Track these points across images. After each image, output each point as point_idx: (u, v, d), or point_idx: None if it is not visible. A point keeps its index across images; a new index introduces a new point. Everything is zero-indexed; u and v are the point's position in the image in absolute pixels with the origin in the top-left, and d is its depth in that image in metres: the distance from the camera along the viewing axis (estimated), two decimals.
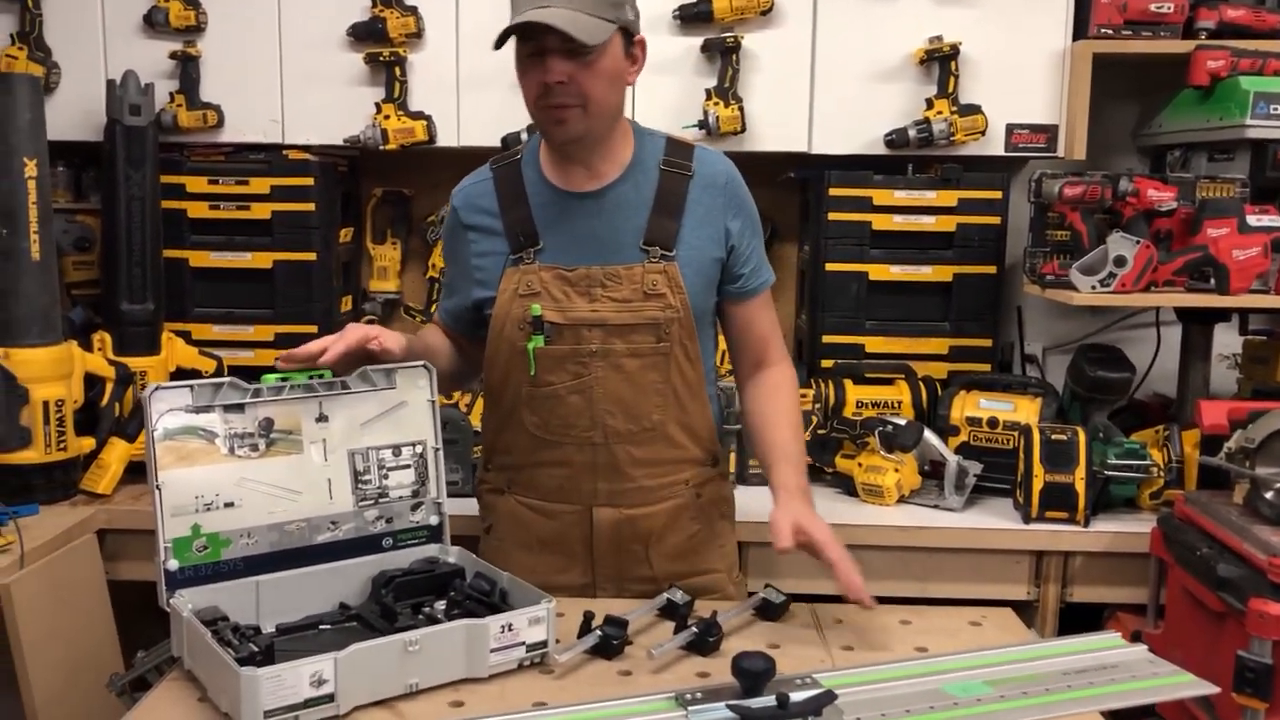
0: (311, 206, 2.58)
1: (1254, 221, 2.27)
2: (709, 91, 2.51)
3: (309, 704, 1.25)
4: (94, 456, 2.31)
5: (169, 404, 1.45)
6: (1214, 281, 2.28)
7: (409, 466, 1.62)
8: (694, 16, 2.49)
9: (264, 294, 2.60)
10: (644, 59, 1.69)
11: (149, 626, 1.70)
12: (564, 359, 1.68)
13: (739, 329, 1.80)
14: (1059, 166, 2.55)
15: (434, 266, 2.84)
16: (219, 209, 2.58)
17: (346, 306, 2.79)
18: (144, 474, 1.47)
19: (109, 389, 2.34)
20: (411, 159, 2.68)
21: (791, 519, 1.57)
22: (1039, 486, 2.19)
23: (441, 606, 1.52)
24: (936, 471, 2.33)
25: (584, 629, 1.48)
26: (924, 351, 2.58)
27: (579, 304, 1.67)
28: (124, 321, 2.44)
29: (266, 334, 2.59)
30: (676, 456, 1.74)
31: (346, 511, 1.57)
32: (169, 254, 2.53)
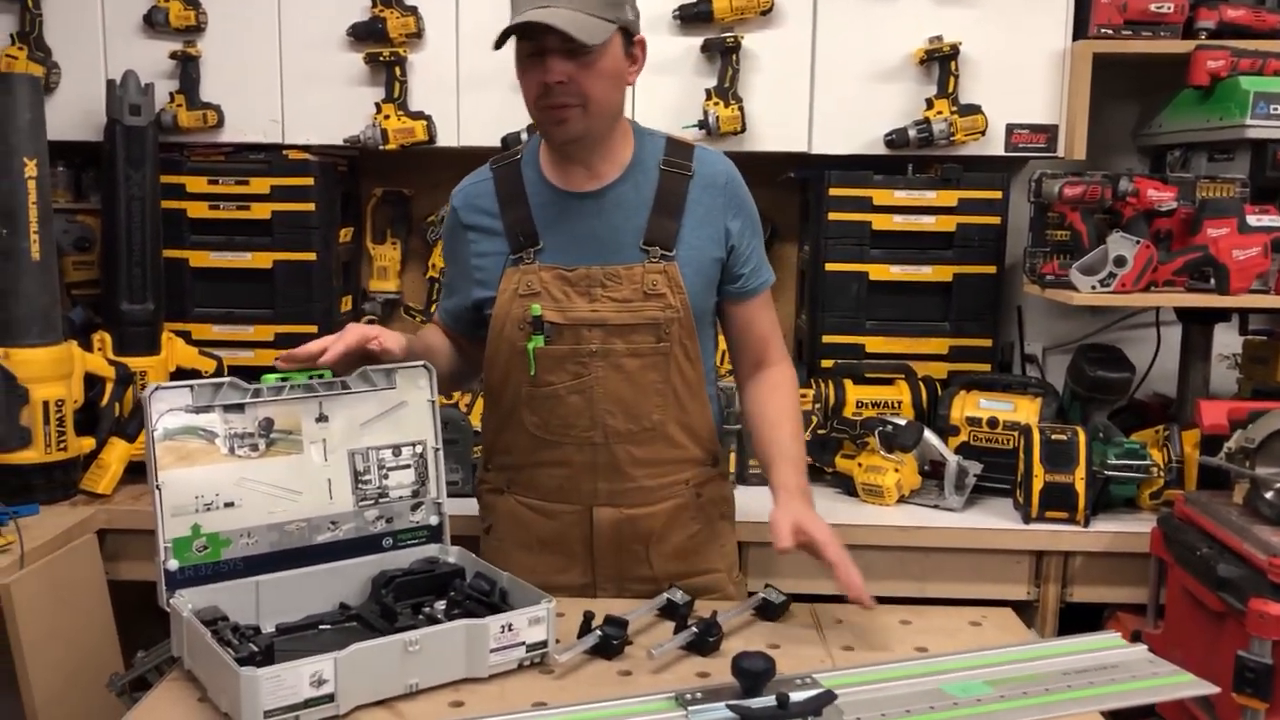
0: (311, 206, 2.58)
1: (1254, 221, 2.27)
2: (709, 91, 2.51)
3: (309, 704, 1.25)
4: (94, 456, 2.31)
5: (169, 404, 1.45)
6: (1214, 281, 2.28)
7: (409, 466, 1.62)
8: (694, 16, 2.49)
9: (264, 294, 2.60)
10: (644, 59, 1.69)
11: (149, 626, 1.70)
12: (564, 359, 1.68)
13: (739, 329, 1.80)
14: (1059, 166, 2.55)
15: (434, 266, 2.84)
16: (219, 209, 2.58)
17: (346, 306, 2.79)
18: (144, 474, 1.47)
19: (109, 389, 2.34)
20: (411, 159, 2.68)
21: (791, 519, 1.57)
22: (1039, 486, 2.19)
23: (441, 606, 1.52)
24: (936, 471, 2.33)
25: (584, 629, 1.48)
26: (924, 351, 2.59)
27: (579, 304, 1.67)
28: (124, 321, 2.44)
29: (266, 334, 2.59)
30: (677, 456, 1.74)
31: (346, 511, 1.57)
32: (169, 254, 2.53)
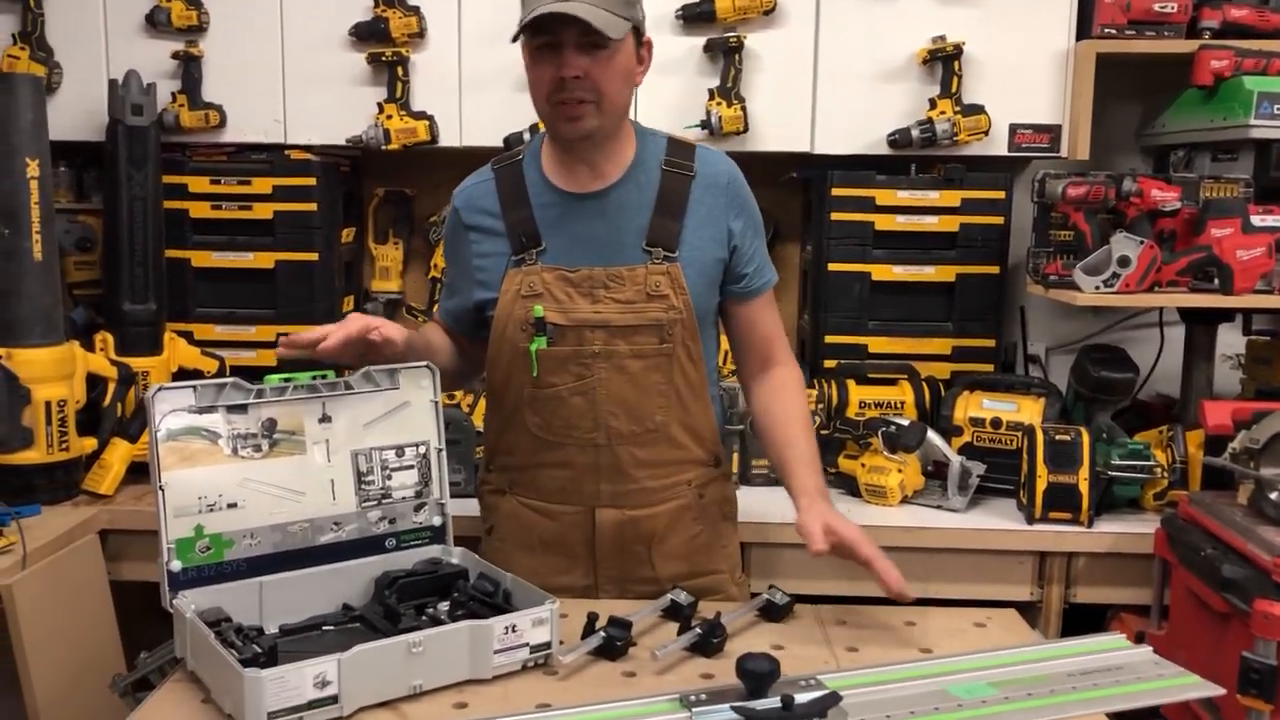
0: (313, 206, 2.58)
1: (1258, 222, 2.26)
2: (712, 91, 2.50)
3: (313, 705, 1.25)
4: (96, 457, 2.31)
5: (172, 405, 1.45)
6: (1218, 282, 2.28)
7: (412, 467, 1.62)
8: (696, 16, 2.49)
9: (266, 294, 2.60)
10: (650, 60, 1.69)
11: (152, 627, 1.70)
12: (567, 360, 1.67)
13: (743, 329, 1.79)
14: (1062, 166, 2.55)
15: (436, 266, 2.84)
16: (221, 209, 2.58)
17: (348, 306, 2.78)
18: (146, 474, 1.47)
19: (111, 389, 2.33)
20: (413, 159, 2.68)
21: (821, 521, 1.57)
22: (1042, 487, 2.18)
23: (445, 607, 1.52)
24: (940, 472, 2.32)
25: (588, 630, 1.48)
26: (927, 352, 2.58)
27: (581, 305, 1.66)
28: (126, 322, 2.44)
29: (268, 334, 2.59)
30: (679, 457, 1.73)
31: (349, 512, 1.57)
32: (171, 254, 2.53)
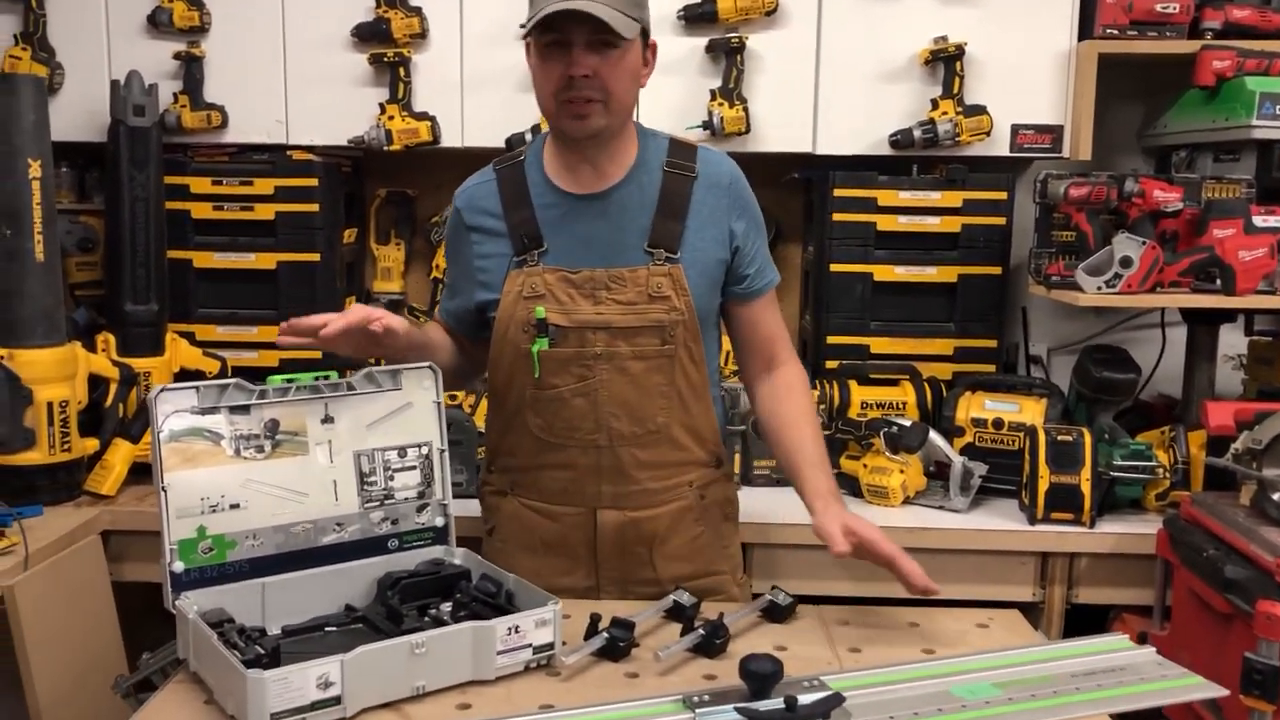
0: (315, 207, 2.58)
1: (1260, 222, 2.26)
2: (713, 92, 2.50)
3: (315, 706, 1.25)
4: (98, 457, 2.31)
5: (174, 405, 1.45)
6: (1220, 282, 2.28)
7: (414, 468, 1.62)
8: (698, 17, 2.49)
9: (268, 295, 2.59)
10: (654, 63, 1.70)
11: (154, 628, 1.70)
12: (568, 362, 1.67)
13: (745, 329, 1.79)
14: (1064, 167, 2.54)
15: (438, 267, 2.84)
16: (223, 210, 2.58)
17: (350, 307, 2.78)
18: (148, 475, 1.47)
19: (113, 390, 2.33)
20: (415, 159, 2.68)
21: (839, 523, 1.57)
22: (1044, 487, 2.18)
23: (447, 608, 1.52)
24: (942, 473, 2.32)
25: (591, 631, 1.48)
26: (929, 352, 2.58)
27: (583, 306, 1.66)
28: (128, 322, 2.44)
29: (270, 335, 2.56)
30: (681, 459, 1.73)
31: (352, 513, 1.57)
32: (173, 255, 2.53)
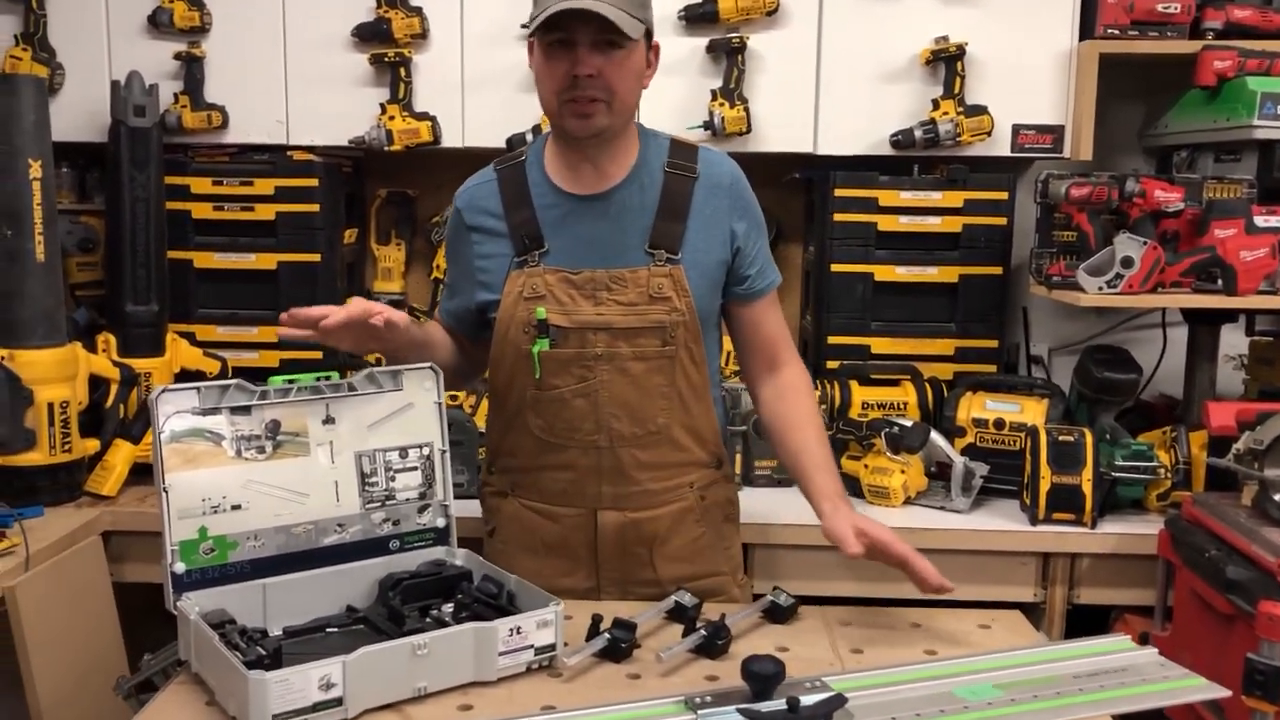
0: (316, 207, 2.57)
1: (1261, 222, 2.26)
2: (714, 92, 2.50)
3: (317, 708, 1.25)
4: (98, 458, 2.30)
5: (176, 406, 1.44)
6: (1221, 283, 2.28)
7: (416, 469, 1.62)
8: (699, 17, 2.49)
9: (268, 295, 2.59)
10: (657, 64, 1.70)
11: (155, 629, 1.70)
12: (569, 363, 1.67)
13: (747, 330, 1.79)
14: (1065, 167, 2.54)
15: (438, 268, 2.84)
16: (223, 210, 2.58)
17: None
18: (149, 476, 1.47)
19: (113, 390, 2.33)
20: (416, 160, 2.68)
21: (851, 525, 1.57)
22: (1046, 488, 2.18)
23: (449, 609, 1.51)
24: (943, 473, 2.32)
25: (592, 632, 1.48)
26: (930, 352, 2.58)
27: (584, 307, 1.66)
28: (128, 323, 2.44)
29: (270, 335, 2.58)
30: (681, 459, 1.73)
31: (353, 514, 1.57)
32: (173, 255, 2.53)
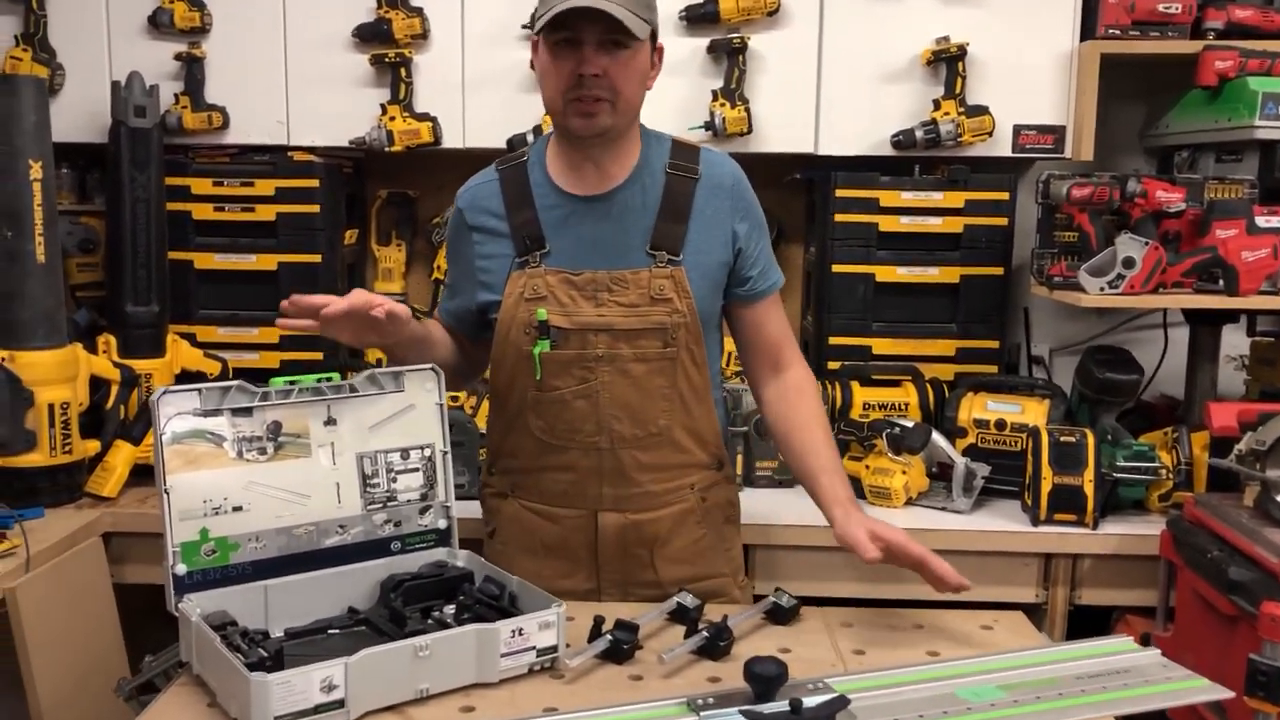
0: (316, 208, 2.58)
1: (1263, 223, 2.26)
2: (715, 93, 2.50)
3: (319, 709, 1.25)
4: (99, 459, 2.30)
5: (177, 407, 1.44)
6: (1222, 283, 2.28)
7: (417, 470, 1.61)
8: (700, 17, 2.49)
9: (269, 296, 2.57)
10: (660, 66, 1.69)
11: (156, 630, 1.70)
12: (570, 364, 1.67)
13: (750, 331, 1.79)
14: (1066, 167, 2.54)
15: (439, 268, 2.84)
16: (224, 211, 2.58)
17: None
18: (149, 477, 1.47)
19: (114, 391, 2.33)
20: (417, 160, 2.68)
21: (864, 529, 1.57)
22: (1047, 489, 2.18)
23: (451, 611, 1.51)
24: (944, 474, 2.32)
25: (594, 633, 1.47)
26: (931, 353, 2.58)
27: (585, 309, 1.66)
28: (129, 324, 2.44)
29: (271, 336, 2.59)
30: (682, 461, 1.73)
31: (355, 515, 1.57)
32: (174, 256, 2.53)
